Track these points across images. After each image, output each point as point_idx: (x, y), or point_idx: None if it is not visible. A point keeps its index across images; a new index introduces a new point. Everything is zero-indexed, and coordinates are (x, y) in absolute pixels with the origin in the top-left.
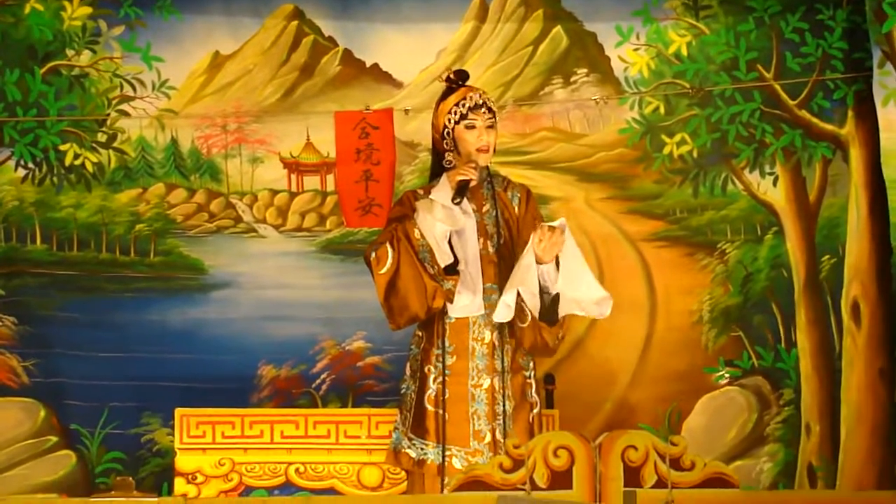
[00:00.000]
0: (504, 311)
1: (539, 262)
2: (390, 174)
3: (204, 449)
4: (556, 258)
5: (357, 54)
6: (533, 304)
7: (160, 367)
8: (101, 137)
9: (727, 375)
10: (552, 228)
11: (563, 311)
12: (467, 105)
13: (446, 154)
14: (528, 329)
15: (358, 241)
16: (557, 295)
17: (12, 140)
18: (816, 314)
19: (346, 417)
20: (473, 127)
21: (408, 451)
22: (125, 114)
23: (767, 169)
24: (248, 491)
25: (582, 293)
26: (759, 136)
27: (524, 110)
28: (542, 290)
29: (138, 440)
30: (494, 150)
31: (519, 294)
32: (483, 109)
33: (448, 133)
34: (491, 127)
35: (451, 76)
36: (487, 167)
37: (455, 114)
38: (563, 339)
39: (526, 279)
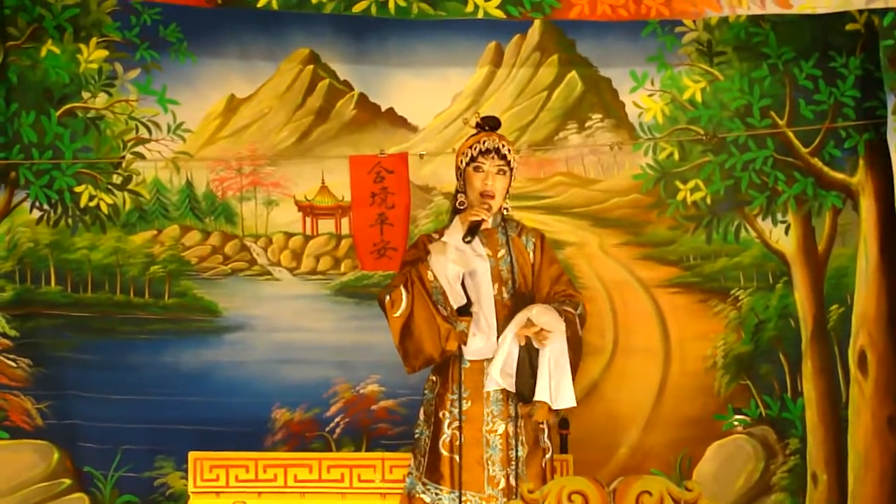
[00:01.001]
0: (491, 384)
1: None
2: (405, 218)
3: (217, 492)
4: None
5: (372, 98)
6: (507, 383)
7: (174, 409)
8: (117, 179)
9: (736, 423)
10: (541, 330)
11: (537, 396)
12: (478, 149)
13: (458, 195)
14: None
15: (372, 285)
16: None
17: (28, 182)
18: (823, 363)
19: (359, 461)
20: (481, 170)
21: (422, 496)
22: (140, 156)
23: (779, 217)
24: None
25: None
26: (772, 183)
27: (539, 155)
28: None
29: (151, 483)
30: (506, 197)
31: None
32: (493, 155)
33: (460, 174)
34: (501, 173)
35: (479, 121)
36: (502, 213)
37: (466, 156)
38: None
39: (503, 355)
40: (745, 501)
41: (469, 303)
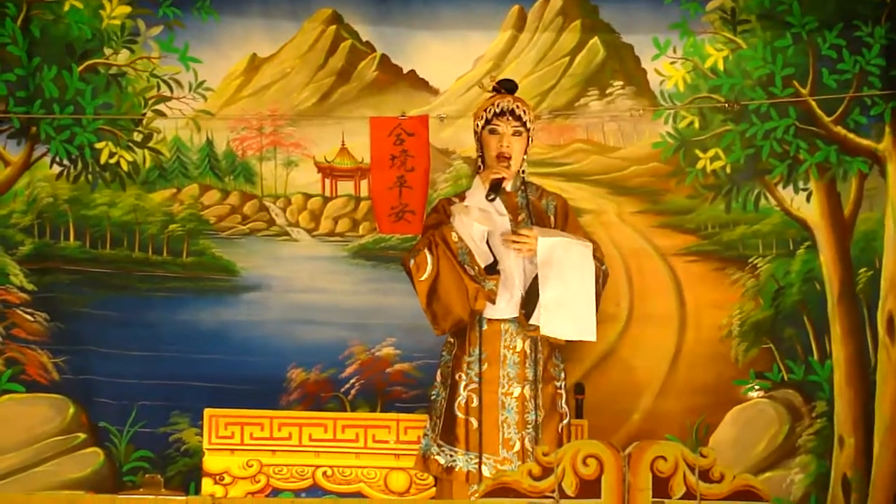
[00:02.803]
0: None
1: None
2: (424, 181)
3: (232, 450)
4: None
5: (394, 60)
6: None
7: (190, 367)
8: (137, 137)
9: (757, 388)
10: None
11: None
12: (492, 111)
13: (478, 160)
14: None
15: (390, 248)
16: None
17: (48, 137)
18: (852, 327)
19: (374, 422)
20: (496, 132)
21: (437, 457)
22: (161, 114)
23: (801, 185)
24: (276, 493)
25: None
26: (794, 152)
27: (559, 121)
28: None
29: (166, 439)
30: (524, 159)
31: None
32: (508, 116)
33: (478, 139)
34: (517, 134)
35: (496, 85)
36: (522, 177)
37: (482, 119)
38: None
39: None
40: (768, 465)
41: (496, 261)
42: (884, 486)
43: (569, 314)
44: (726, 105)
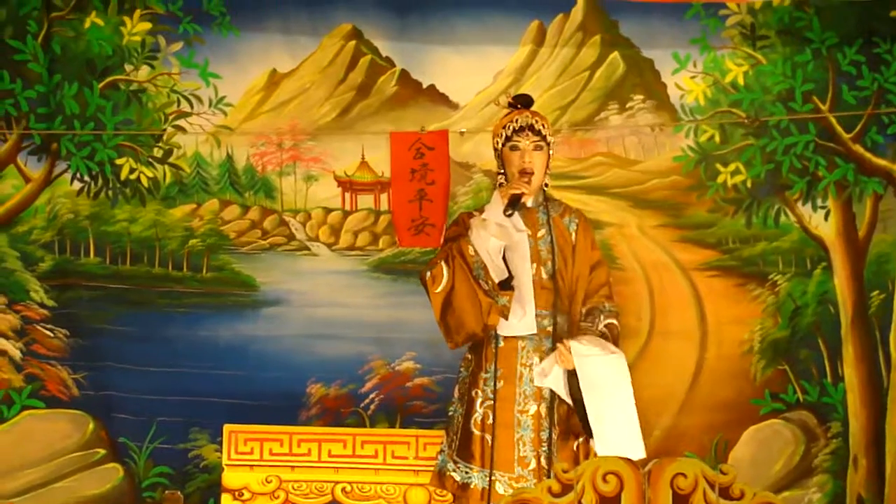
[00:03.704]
0: (539, 378)
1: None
2: (444, 195)
3: (251, 466)
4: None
5: (414, 75)
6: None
7: (209, 382)
8: (157, 152)
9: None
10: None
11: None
12: (512, 127)
13: (499, 177)
14: None
15: (410, 261)
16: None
17: (69, 153)
18: (864, 349)
19: (393, 438)
20: (517, 149)
21: (452, 474)
22: (181, 129)
23: (819, 202)
24: None
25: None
26: (813, 168)
27: (579, 135)
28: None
29: (186, 455)
30: (546, 173)
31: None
32: (527, 131)
33: (498, 155)
34: (538, 149)
35: (511, 101)
36: (544, 192)
37: (501, 136)
38: None
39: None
40: (786, 484)
41: (510, 276)
42: None
43: (618, 434)
44: (746, 120)
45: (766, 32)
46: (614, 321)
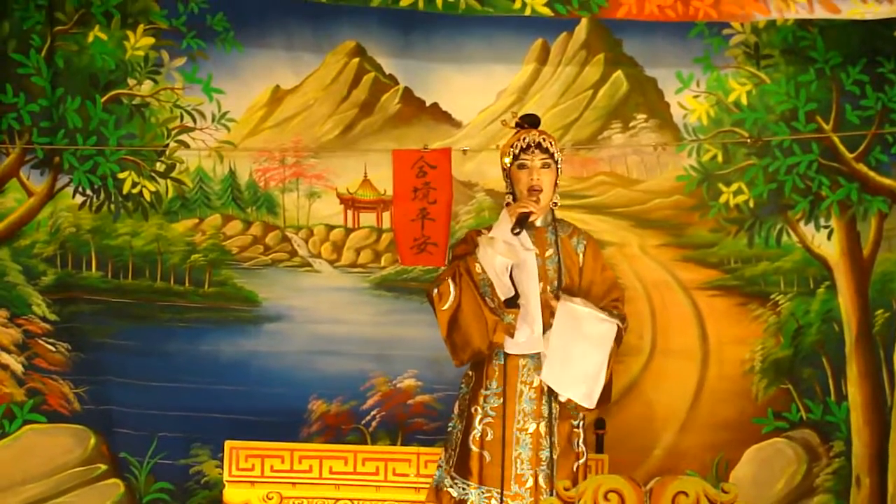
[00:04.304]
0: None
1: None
2: (447, 213)
3: (252, 482)
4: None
5: (417, 93)
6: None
7: (211, 398)
8: (160, 167)
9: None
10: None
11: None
12: (519, 146)
13: (507, 197)
14: None
15: (412, 279)
16: None
17: (71, 167)
18: (868, 368)
19: (395, 455)
20: (525, 167)
21: (449, 489)
22: (184, 144)
23: (822, 222)
24: None
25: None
26: (816, 188)
27: (582, 154)
28: None
29: (187, 471)
30: (555, 191)
31: None
32: (535, 150)
33: (507, 175)
34: (546, 167)
35: (519, 120)
36: (552, 212)
37: (509, 155)
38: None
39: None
40: (788, 503)
41: (517, 295)
42: None
43: (575, 375)
44: (749, 139)
45: (770, 52)
46: (620, 324)
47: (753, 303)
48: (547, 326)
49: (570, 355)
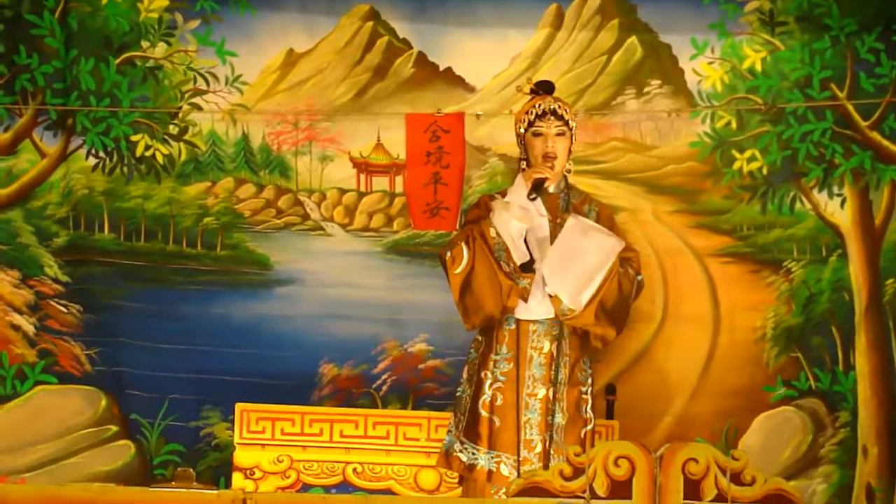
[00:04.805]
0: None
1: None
2: (459, 178)
3: (263, 445)
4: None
5: (431, 57)
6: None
7: (222, 360)
8: (173, 130)
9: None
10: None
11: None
12: (535, 113)
13: (521, 163)
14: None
15: (424, 244)
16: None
17: (84, 129)
18: (877, 338)
19: (405, 419)
20: (540, 134)
21: (459, 454)
22: (197, 107)
23: (836, 190)
24: (306, 488)
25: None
26: (829, 156)
27: (596, 119)
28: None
29: (197, 433)
30: (569, 158)
31: None
32: (550, 116)
33: (521, 141)
34: (561, 134)
35: (534, 87)
36: (566, 179)
37: (524, 122)
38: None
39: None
40: (792, 473)
41: (532, 260)
42: None
43: (566, 272)
44: (763, 106)
45: (785, 19)
46: (632, 270)
47: (766, 270)
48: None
49: (569, 257)
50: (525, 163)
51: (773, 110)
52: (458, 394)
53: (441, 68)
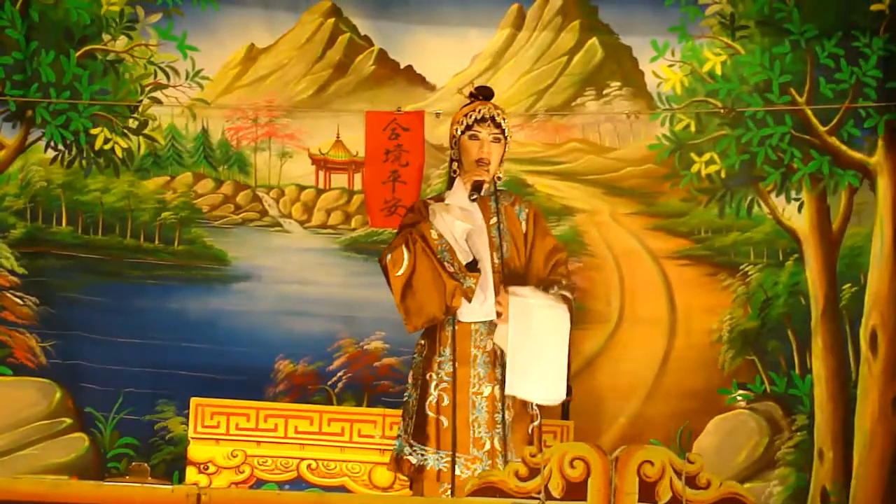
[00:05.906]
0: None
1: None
2: (418, 176)
3: (217, 439)
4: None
5: (392, 55)
6: None
7: (178, 355)
8: (132, 123)
9: (740, 398)
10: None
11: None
12: (473, 117)
13: (452, 164)
14: None
15: (382, 242)
16: None
17: (44, 121)
18: (833, 342)
19: (360, 416)
20: (477, 138)
21: (409, 457)
22: (157, 101)
23: (793, 194)
24: (259, 484)
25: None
26: (788, 160)
27: (555, 120)
28: None
29: (152, 427)
30: (501, 164)
31: None
32: (489, 123)
33: (455, 143)
34: (496, 141)
35: (474, 91)
36: (495, 182)
37: (462, 124)
38: None
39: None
40: (748, 476)
41: (475, 260)
42: (864, 500)
43: (537, 378)
44: (722, 110)
45: (746, 23)
46: (568, 295)
47: (723, 273)
48: (497, 292)
49: (528, 355)
50: (457, 164)
51: (732, 114)
52: (405, 398)
53: (402, 66)
